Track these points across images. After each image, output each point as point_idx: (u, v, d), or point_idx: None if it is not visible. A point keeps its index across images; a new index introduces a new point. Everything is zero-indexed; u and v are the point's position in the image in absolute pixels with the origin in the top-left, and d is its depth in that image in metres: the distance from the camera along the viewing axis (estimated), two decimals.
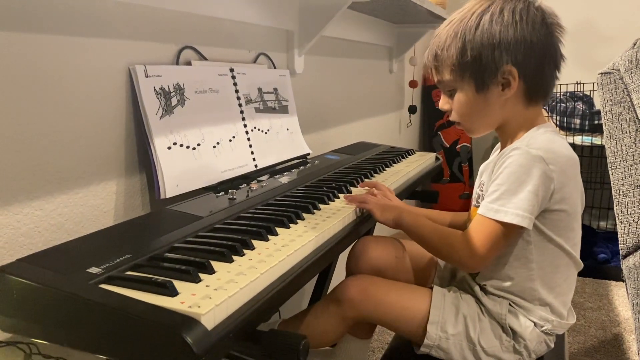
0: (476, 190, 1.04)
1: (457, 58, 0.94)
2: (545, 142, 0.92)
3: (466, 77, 0.95)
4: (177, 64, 1.12)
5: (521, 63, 0.92)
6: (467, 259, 0.93)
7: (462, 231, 0.95)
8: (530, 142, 0.92)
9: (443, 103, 1.02)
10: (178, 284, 0.64)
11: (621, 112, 1.31)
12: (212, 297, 0.62)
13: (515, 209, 0.88)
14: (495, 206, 0.90)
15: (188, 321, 0.57)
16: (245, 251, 0.76)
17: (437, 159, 1.73)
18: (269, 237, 0.83)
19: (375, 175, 1.34)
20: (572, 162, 0.94)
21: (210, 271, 0.68)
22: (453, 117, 1.01)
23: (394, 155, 1.60)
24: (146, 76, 1.00)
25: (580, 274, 2.50)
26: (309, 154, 1.49)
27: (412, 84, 2.73)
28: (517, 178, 0.89)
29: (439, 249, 0.99)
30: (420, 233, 0.99)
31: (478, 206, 0.95)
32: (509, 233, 0.91)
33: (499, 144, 1.05)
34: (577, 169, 0.96)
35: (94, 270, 0.67)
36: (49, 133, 0.87)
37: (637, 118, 1.27)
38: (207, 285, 0.65)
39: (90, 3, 0.92)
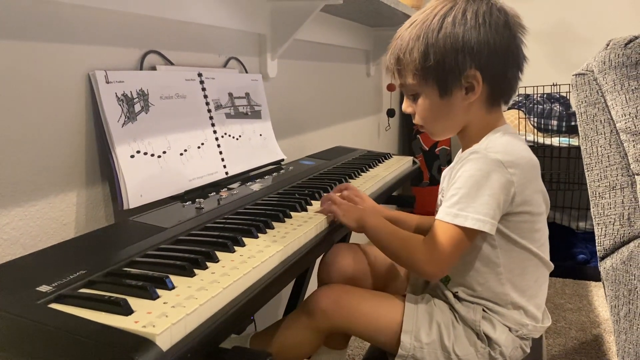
0: (439, 197, 1.02)
1: (420, 62, 0.92)
2: (503, 146, 0.91)
3: (429, 81, 0.93)
4: (141, 69, 1.08)
5: (485, 67, 0.90)
6: (425, 264, 0.90)
7: (424, 237, 0.92)
8: (489, 146, 0.90)
9: (406, 106, 1.00)
10: (134, 302, 0.60)
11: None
12: (168, 315, 0.58)
13: (475, 214, 0.86)
14: (454, 210, 0.88)
15: (141, 342, 0.54)
16: (208, 264, 0.73)
17: (414, 162, 1.71)
18: (236, 248, 0.79)
19: (350, 180, 1.32)
20: (531, 164, 0.93)
21: (169, 287, 0.65)
22: (416, 121, 0.99)
23: (371, 159, 1.58)
24: (107, 82, 0.96)
25: (560, 275, 2.50)
26: (283, 159, 1.46)
27: (390, 87, 2.72)
28: (476, 182, 0.87)
29: (397, 254, 0.95)
30: (380, 236, 0.95)
31: None
32: (469, 238, 0.88)
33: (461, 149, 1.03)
34: (537, 170, 0.95)
35: (44, 288, 0.63)
36: (2, 143, 0.83)
37: (612, 119, 1.26)
38: (164, 303, 0.61)
39: (45, 6, 0.88)
